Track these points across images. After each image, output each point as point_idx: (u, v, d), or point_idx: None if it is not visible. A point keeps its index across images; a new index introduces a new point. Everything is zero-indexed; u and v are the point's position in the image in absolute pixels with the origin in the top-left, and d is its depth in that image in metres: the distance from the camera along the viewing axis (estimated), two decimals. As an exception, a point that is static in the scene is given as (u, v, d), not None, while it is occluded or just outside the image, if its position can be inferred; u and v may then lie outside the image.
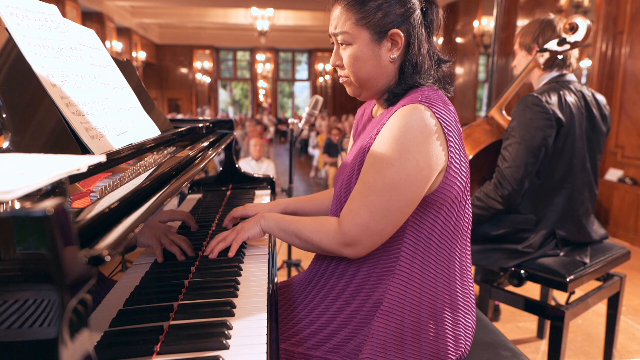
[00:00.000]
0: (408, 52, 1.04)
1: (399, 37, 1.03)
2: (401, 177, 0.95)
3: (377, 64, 1.05)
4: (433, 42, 1.09)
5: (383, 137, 0.99)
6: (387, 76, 1.07)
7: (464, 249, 1.09)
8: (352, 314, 1.05)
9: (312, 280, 1.16)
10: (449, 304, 1.06)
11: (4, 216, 0.43)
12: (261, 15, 12.53)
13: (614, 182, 4.43)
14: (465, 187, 1.05)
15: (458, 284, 1.08)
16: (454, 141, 1.00)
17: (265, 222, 1.14)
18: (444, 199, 1.02)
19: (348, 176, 1.09)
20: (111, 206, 0.63)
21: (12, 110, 0.74)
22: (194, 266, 1.07)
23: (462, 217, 1.06)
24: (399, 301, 1.02)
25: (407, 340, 1.01)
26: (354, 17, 1.03)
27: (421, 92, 1.02)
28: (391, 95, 1.07)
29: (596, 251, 1.95)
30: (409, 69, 1.05)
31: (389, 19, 1.02)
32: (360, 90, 1.11)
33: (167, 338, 0.77)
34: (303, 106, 19.99)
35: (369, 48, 1.04)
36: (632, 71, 4.29)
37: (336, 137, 8.03)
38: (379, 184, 0.97)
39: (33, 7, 0.92)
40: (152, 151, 1.16)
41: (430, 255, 1.04)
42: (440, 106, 0.99)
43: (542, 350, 2.40)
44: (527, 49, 1.97)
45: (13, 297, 0.45)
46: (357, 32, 1.03)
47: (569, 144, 1.81)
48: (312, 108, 2.44)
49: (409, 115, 0.96)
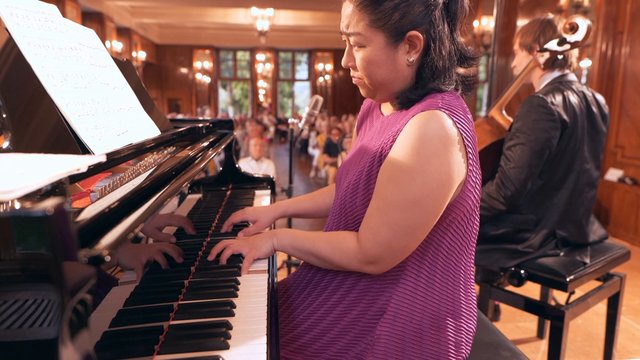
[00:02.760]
0: (427, 55, 0.95)
1: (418, 39, 0.94)
2: (423, 192, 0.89)
3: (393, 68, 0.97)
4: (457, 37, 0.99)
5: (401, 146, 0.91)
6: (403, 80, 0.99)
7: (469, 257, 1.06)
8: (354, 320, 1.03)
9: (312, 281, 1.14)
10: (452, 311, 1.03)
11: (4, 216, 0.43)
12: (261, 15, 12.53)
13: (614, 182, 4.43)
14: (477, 201, 1.00)
15: (462, 292, 1.05)
16: (472, 153, 0.94)
17: (278, 241, 1.11)
18: (457, 213, 0.97)
19: (355, 180, 1.03)
20: (111, 206, 0.63)
21: (12, 110, 0.74)
22: (194, 266, 1.07)
23: (471, 228, 1.03)
24: (403, 309, 0.99)
25: (409, 345, 0.99)
26: (368, 17, 0.93)
27: (441, 97, 0.94)
28: (406, 99, 0.99)
29: (596, 251, 1.95)
30: (427, 73, 0.96)
31: (407, 20, 0.92)
32: (374, 93, 1.04)
33: (167, 338, 0.77)
34: (303, 106, 19.98)
35: (384, 52, 0.95)
36: (632, 71, 4.29)
37: (336, 137, 8.03)
38: (399, 199, 0.90)
39: (33, 7, 0.92)
40: (152, 151, 1.15)
41: (437, 268, 1.01)
42: (461, 115, 0.93)
43: (542, 350, 2.40)
44: (528, 49, 1.97)
45: (13, 297, 0.45)
46: (372, 34, 0.94)
47: (571, 144, 1.81)
48: (312, 108, 2.43)
49: (430, 122, 0.89)
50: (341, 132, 9.01)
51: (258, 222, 1.29)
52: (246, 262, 1.07)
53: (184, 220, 1.23)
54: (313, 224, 5.19)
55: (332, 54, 17.75)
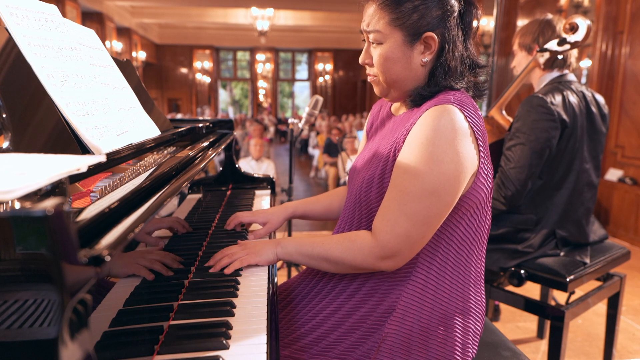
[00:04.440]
0: (441, 57, 1.01)
1: (433, 40, 0.99)
2: (440, 182, 0.92)
3: (407, 66, 1.02)
4: (469, 45, 1.05)
5: (416, 139, 0.94)
6: (416, 79, 1.03)
7: (480, 255, 1.07)
8: (362, 318, 1.02)
9: (321, 281, 1.13)
10: (461, 310, 1.03)
11: (4, 216, 0.43)
12: (261, 15, 12.53)
13: (614, 182, 4.43)
14: (490, 194, 1.03)
15: (472, 291, 1.05)
16: (483, 147, 0.98)
17: (282, 249, 1.07)
18: (470, 205, 0.99)
19: (370, 175, 1.05)
20: (111, 206, 0.63)
21: (12, 110, 0.74)
22: (194, 266, 1.07)
23: (483, 224, 1.04)
24: (413, 308, 0.99)
25: (415, 344, 0.99)
26: (388, 16, 0.99)
27: (452, 94, 0.98)
28: (418, 96, 1.03)
29: (596, 251, 1.95)
30: (440, 73, 1.01)
31: (424, 21, 0.98)
32: (387, 91, 1.07)
33: (167, 338, 0.77)
34: (303, 106, 19.99)
35: (400, 49, 1.00)
36: (632, 71, 4.29)
37: (336, 137, 8.03)
38: (417, 189, 0.92)
39: (33, 7, 0.92)
40: (152, 151, 1.15)
41: (448, 263, 1.01)
42: (472, 110, 0.97)
43: (542, 350, 2.40)
44: (527, 49, 1.97)
45: (13, 297, 0.45)
46: (390, 32, 1.00)
47: (571, 144, 1.81)
48: (312, 108, 2.44)
49: (442, 115, 0.93)
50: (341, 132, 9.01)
51: (269, 223, 1.28)
52: (238, 262, 1.04)
53: (173, 220, 1.18)
54: (313, 225, 5.19)
55: (332, 54, 17.76)
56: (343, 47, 17.15)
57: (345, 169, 3.35)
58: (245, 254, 1.06)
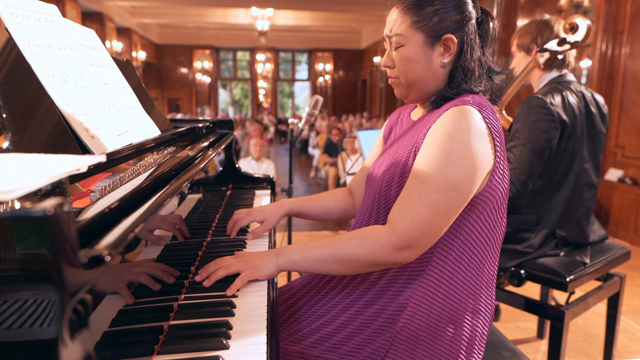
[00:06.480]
0: (460, 59, 1.05)
1: (452, 42, 1.04)
2: (462, 175, 0.95)
3: (428, 67, 1.06)
4: (486, 52, 1.10)
5: (437, 134, 0.98)
6: (436, 80, 1.07)
7: (494, 257, 1.08)
8: (373, 315, 1.03)
9: (334, 277, 1.14)
10: (472, 310, 1.03)
11: (4, 216, 0.43)
12: (261, 15, 12.53)
13: (614, 182, 4.43)
14: (506, 195, 1.06)
15: (483, 292, 1.05)
16: (500, 148, 1.01)
17: (285, 259, 1.01)
18: (487, 202, 1.01)
19: (390, 172, 1.07)
20: (111, 206, 0.63)
21: (12, 110, 0.74)
22: (194, 266, 1.07)
23: (498, 226, 1.06)
24: (423, 305, 1.00)
25: (421, 342, 0.99)
26: (409, 19, 1.04)
27: (472, 97, 1.02)
28: (440, 97, 1.07)
29: (596, 251, 1.95)
30: (459, 74, 1.05)
31: (444, 24, 1.03)
32: (407, 92, 1.11)
33: (167, 338, 0.77)
34: (303, 106, 19.99)
35: (421, 50, 1.05)
36: (632, 71, 4.29)
37: (336, 137, 8.03)
38: (439, 181, 0.95)
39: (33, 7, 0.92)
40: (152, 151, 1.15)
41: (462, 261, 1.02)
42: (490, 113, 1.01)
43: (542, 350, 2.40)
44: (526, 49, 1.97)
45: (13, 297, 0.45)
46: (412, 34, 1.05)
47: (571, 144, 1.81)
48: (312, 108, 2.43)
49: (462, 114, 0.97)
50: (341, 132, 9.02)
51: (266, 221, 1.29)
52: (239, 280, 0.95)
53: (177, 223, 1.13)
54: (313, 224, 5.20)
55: (332, 54, 17.76)
56: (343, 47, 17.17)
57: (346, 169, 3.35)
58: (243, 267, 0.99)
